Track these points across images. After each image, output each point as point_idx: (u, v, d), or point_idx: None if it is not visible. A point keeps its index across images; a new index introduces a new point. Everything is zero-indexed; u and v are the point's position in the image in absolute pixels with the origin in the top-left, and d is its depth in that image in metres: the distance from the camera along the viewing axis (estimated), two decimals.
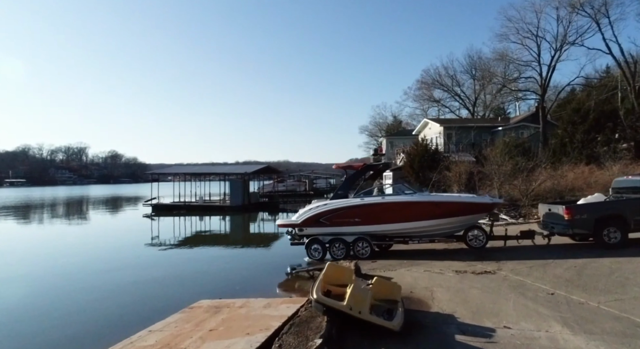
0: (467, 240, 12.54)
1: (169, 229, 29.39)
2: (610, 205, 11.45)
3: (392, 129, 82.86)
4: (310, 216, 12.98)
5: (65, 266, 15.03)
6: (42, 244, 21.33)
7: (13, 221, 35.26)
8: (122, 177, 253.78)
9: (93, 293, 11.13)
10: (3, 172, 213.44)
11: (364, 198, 12.92)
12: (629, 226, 10.85)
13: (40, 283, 12.64)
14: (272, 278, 11.80)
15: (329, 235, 12.74)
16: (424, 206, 12.36)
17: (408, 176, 28.87)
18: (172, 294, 10.63)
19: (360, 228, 12.65)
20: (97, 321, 8.94)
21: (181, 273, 13.36)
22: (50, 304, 10.46)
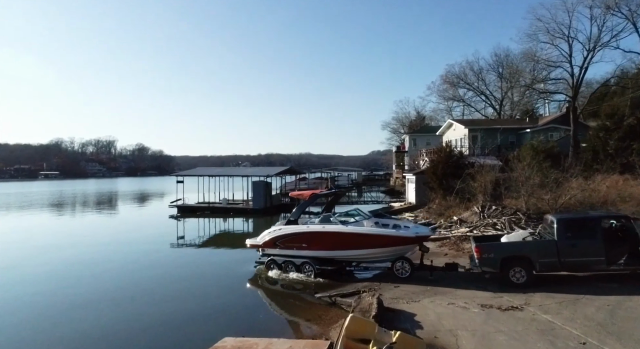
0: (395, 270, 13.03)
1: (194, 230, 30.15)
2: (515, 246, 11.39)
3: (415, 125, 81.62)
4: (269, 240, 14.54)
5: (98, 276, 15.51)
6: (75, 252, 22.04)
7: (52, 221, 36.68)
8: (148, 170, 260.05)
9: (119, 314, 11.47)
10: (38, 164, 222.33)
11: (309, 226, 14.11)
12: (535, 268, 10.84)
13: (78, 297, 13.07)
14: (293, 301, 11.85)
15: (282, 257, 14.25)
16: (354, 236, 13.21)
17: (431, 182, 28.43)
18: (196, 318, 10.84)
19: (306, 252, 13.88)
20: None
21: (205, 290, 13.66)
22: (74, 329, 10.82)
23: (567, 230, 10.72)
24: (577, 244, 10.53)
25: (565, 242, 10.58)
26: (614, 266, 10.60)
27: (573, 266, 10.79)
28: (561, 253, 10.57)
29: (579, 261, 10.63)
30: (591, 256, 10.47)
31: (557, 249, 10.57)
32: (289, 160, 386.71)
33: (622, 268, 10.57)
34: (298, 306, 11.51)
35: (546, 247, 10.80)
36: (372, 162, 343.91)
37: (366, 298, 9.59)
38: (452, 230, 21.50)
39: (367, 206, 36.43)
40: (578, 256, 10.55)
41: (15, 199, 64.50)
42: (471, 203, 23.97)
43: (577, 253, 10.51)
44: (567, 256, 10.56)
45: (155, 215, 37.95)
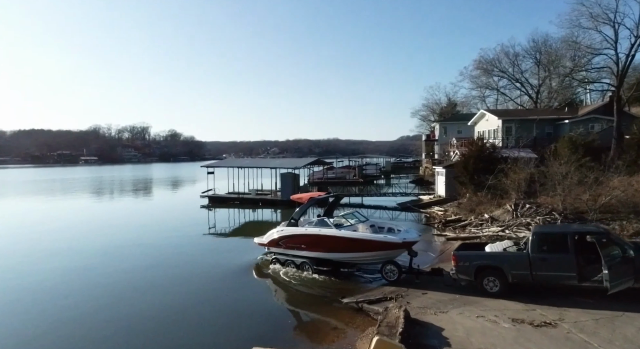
0: (384, 273, 13.65)
1: (224, 221, 31.15)
2: (489, 256, 11.42)
3: (446, 113, 79.45)
4: (273, 239, 15.71)
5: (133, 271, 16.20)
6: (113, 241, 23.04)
7: (96, 207, 38.43)
8: (180, 155, 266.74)
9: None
10: (79, 149, 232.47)
11: (307, 229, 14.91)
12: (507, 278, 10.89)
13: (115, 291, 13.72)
14: (320, 306, 11.95)
15: (284, 256, 15.44)
16: (346, 240, 13.92)
17: (461, 177, 27.72)
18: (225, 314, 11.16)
19: (304, 253, 14.88)
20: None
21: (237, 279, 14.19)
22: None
23: (541, 243, 10.66)
24: (549, 258, 10.47)
25: (537, 256, 10.55)
26: (587, 282, 10.30)
27: (545, 280, 10.66)
28: (533, 267, 10.55)
29: (550, 275, 10.52)
30: (562, 271, 10.35)
31: (529, 262, 10.57)
32: (317, 146, 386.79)
33: (596, 285, 10.16)
34: (325, 312, 11.58)
35: (518, 260, 10.84)
36: (401, 147, 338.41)
37: (393, 310, 9.52)
38: (482, 229, 21.01)
39: (395, 198, 36.05)
40: (549, 271, 10.47)
41: (61, 186, 68.18)
42: (504, 201, 23.28)
43: (548, 268, 10.44)
44: (538, 269, 10.52)
45: (188, 204, 38.97)
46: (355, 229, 14.37)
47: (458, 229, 22.32)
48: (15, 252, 20.28)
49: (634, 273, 9.75)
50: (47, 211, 37.43)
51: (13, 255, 19.81)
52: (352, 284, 14.20)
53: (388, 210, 34.22)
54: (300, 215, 15.72)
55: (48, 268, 17.12)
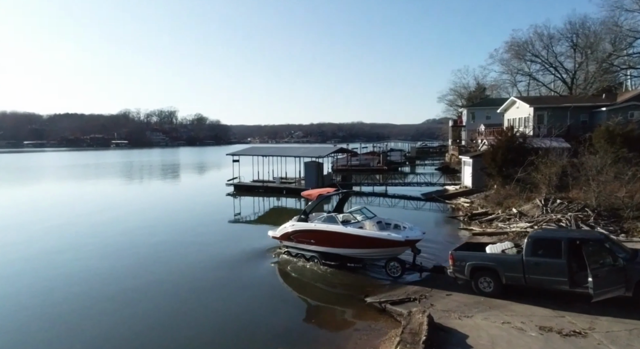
0: (388, 269, 14.14)
1: (250, 208, 31.98)
2: (485, 257, 11.61)
3: (474, 97, 77.12)
4: (284, 233, 16.40)
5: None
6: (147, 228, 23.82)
7: (130, 192, 39.77)
8: (206, 139, 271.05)
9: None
10: (110, 133, 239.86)
11: (316, 225, 15.41)
12: (501, 280, 11.12)
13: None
14: (343, 306, 12.02)
15: (295, 249, 16.18)
16: (351, 237, 14.43)
17: (489, 168, 27.00)
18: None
19: (314, 247, 15.52)
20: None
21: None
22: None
23: (536, 248, 10.76)
24: (542, 263, 10.58)
25: (531, 259, 10.69)
26: (579, 288, 10.32)
27: (537, 283, 10.81)
28: (526, 270, 10.73)
29: (543, 279, 10.65)
30: (554, 276, 10.43)
31: (523, 266, 10.74)
32: (340, 130, 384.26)
33: (587, 291, 10.07)
34: (348, 311, 11.65)
35: (513, 262, 11.02)
36: (426, 131, 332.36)
37: (416, 315, 9.45)
38: (510, 224, 20.48)
39: (419, 188, 35.56)
40: (541, 275, 10.61)
41: (95, 171, 71.00)
42: (533, 194, 22.58)
43: (541, 272, 10.57)
44: (531, 273, 10.69)
45: (214, 191, 39.54)
46: (361, 226, 14.78)
47: (484, 223, 21.86)
48: (69, 230, 23.10)
49: (625, 282, 9.66)
50: (84, 195, 39.44)
51: (73, 230, 23.62)
52: (376, 281, 14.16)
53: (412, 200, 33.87)
54: (310, 211, 16.30)
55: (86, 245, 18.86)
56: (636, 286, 9.67)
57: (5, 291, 13.73)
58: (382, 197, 35.47)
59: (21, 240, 21.14)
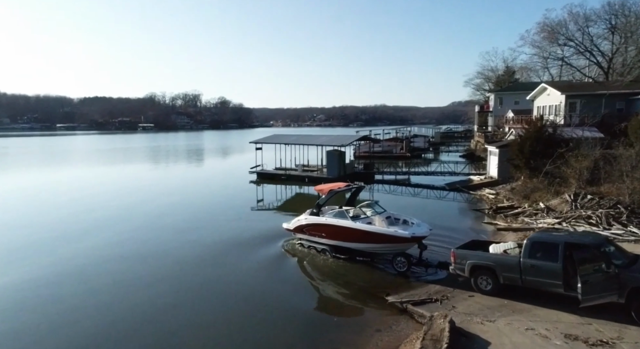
0: (394, 263, 14.46)
1: (272, 196, 32.66)
2: (484, 257, 11.92)
3: (503, 82, 74.63)
4: (297, 226, 17.06)
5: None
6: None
7: (159, 178, 40.88)
8: (229, 123, 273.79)
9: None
10: (137, 117, 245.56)
11: (327, 219, 15.99)
12: (499, 279, 11.41)
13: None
14: (364, 304, 12.13)
15: (307, 242, 16.89)
16: (359, 232, 14.95)
17: (516, 160, 26.26)
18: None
19: (324, 240, 16.15)
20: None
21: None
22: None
23: (533, 250, 10.98)
24: (539, 265, 10.76)
25: (528, 261, 10.91)
26: (573, 292, 10.35)
27: (533, 285, 11.00)
28: (523, 271, 10.98)
29: (539, 281, 10.83)
30: (549, 278, 10.61)
31: (520, 267, 10.99)
32: (363, 113, 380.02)
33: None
34: (369, 311, 11.72)
35: (510, 263, 11.26)
36: (451, 114, 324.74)
37: (438, 320, 9.44)
38: (537, 219, 20.02)
39: (443, 178, 35.03)
40: (537, 277, 10.80)
41: (123, 156, 73.24)
42: (562, 188, 21.93)
43: (537, 274, 10.78)
44: (528, 274, 10.93)
45: (238, 179, 40.07)
46: (370, 221, 15.22)
47: (510, 217, 21.40)
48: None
49: (618, 289, 9.65)
50: (116, 177, 41.12)
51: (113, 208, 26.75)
52: (397, 278, 14.16)
53: (435, 189, 33.46)
54: (321, 206, 16.86)
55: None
56: (629, 293, 9.57)
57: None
58: (405, 186, 35.19)
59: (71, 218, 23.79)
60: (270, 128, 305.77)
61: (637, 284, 9.45)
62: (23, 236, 20.26)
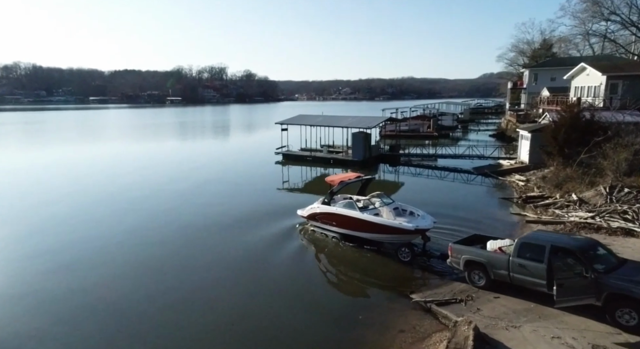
0: (399, 253, 15.12)
1: (297, 177, 33.29)
2: (476, 253, 12.49)
3: (538, 56, 70.99)
4: (310, 214, 18.02)
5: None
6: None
7: (191, 156, 41.93)
8: (255, 96, 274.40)
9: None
10: (165, 90, 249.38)
11: (337, 209, 16.78)
12: (490, 275, 12.03)
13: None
14: (388, 302, 12.32)
15: (319, 229, 17.92)
16: (366, 223, 15.71)
17: (549, 147, 25.30)
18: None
19: (335, 228, 17.09)
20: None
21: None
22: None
23: (522, 250, 11.53)
24: (526, 265, 11.32)
25: (517, 260, 11.49)
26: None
27: (520, 282, 11.58)
28: (511, 269, 11.59)
29: (525, 279, 11.41)
30: (534, 277, 11.16)
31: (509, 265, 11.60)
32: (390, 86, 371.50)
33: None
34: (393, 309, 11.83)
35: (500, 261, 11.88)
36: (482, 86, 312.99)
37: (462, 327, 9.50)
38: (568, 211, 19.42)
39: (471, 162, 34.26)
40: (524, 275, 11.39)
41: (154, 131, 75.12)
42: (597, 179, 21.12)
43: (524, 272, 11.38)
44: (515, 272, 11.54)
45: (264, 159, 40.37)
46: (378, 212, 16.03)
47: (540, 208, 20.86)
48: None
49: (595, 293, 10.01)
50: (150, 153, 42.60)
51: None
52: (423, 274, 14.25)
53: (463, 173, 32.90)
54: (332, 197, 17.66)
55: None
56: (605, 298, 9.90)
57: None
58: (431, 169, 34.72)
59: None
60: (295, 101, 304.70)
61: (613, 290, 9.79)
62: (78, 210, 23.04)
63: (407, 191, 28.55)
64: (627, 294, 9.56)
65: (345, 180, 18.08)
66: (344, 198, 18.00)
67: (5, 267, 15.34)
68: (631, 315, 9.56)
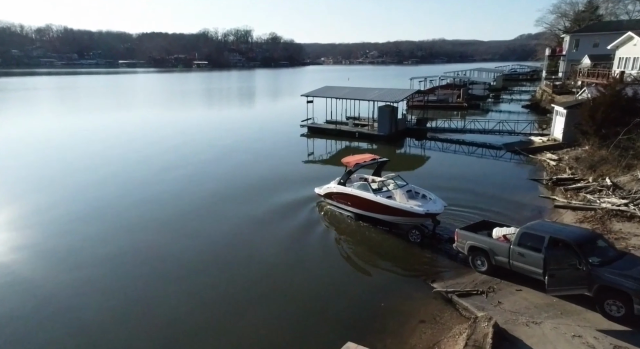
0: (409, 235, 15.85)
1: (322, 150, 33.70)
2: (479, 239, 13.09)
3: (582, 20, 66.36)
4: (327, 193, 18.84)
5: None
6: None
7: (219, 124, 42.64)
8: (280, 60, 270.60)
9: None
10: (192, 54, 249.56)
11: (352, 190, 17.44)
12: (492, 261, 12.68)
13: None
14: (409, 290, 12.60)
15: (335, 208, 18.66)
16: (378, 204, 16.35)
17: (586, 125, 24.21)
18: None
19: (349, 208, 17.81)
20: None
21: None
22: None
23: (523, 240, 12.03)
24: (525, 254, 11.86)
25: (517, 249, 12.05)
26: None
27: (519, 270, 12.14)
28: (511, 257, 12.18)
29: (523, 268, 11.96)
30: (532, 266, 11.66)
31: (509, 253, 12.20)
32: (419, 49, 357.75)
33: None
34: (414, 298, 12.06)
35: (502, 249, 12.48)
36: (519, 48, 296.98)
37: (482, 323, 9.68)
38: (600, 196, 18.83)
39: (501, 137, 33.25)
40: (523, 263, 11.95)
41: (181, 98, 75.89)
42: (635, 163, 20.26)
43: (523, 261, 11.93)
44: (515, 260, 12.13)
45: (289, 131, 40.45)
46: (391, 195, 16.83)
47: (570, 192, 20.30)
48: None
49: (588, 284, 10.43)
50: (182, 121, 44.07)
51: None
52: (446, 261, 14.37)
53: (492, 149, 32.14)
54: (347, 178, 18.35)
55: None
56: (597, 290, 10.34)
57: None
58: (458, 144, 34.02)
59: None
60: (320, 65, 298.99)
61: (604, 283, 10.20)
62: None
63: (432, 167, 28.37)
64: (616, 288, 9.98)
65: (361, 162, 18.62)
66: (360, 177, 19.00)
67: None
68: (618, 306, 10.04)
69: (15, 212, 19.41)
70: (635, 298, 9.66)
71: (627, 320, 9.88)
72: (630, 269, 10.31)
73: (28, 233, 17.01)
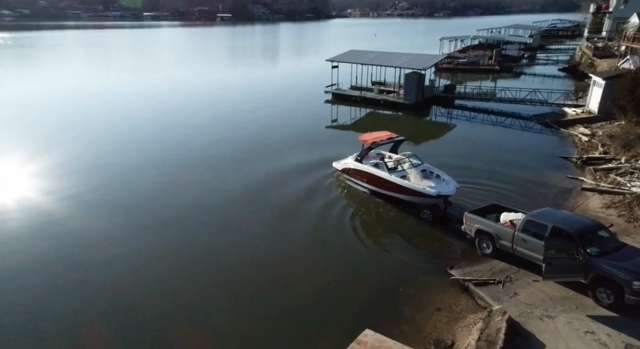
0: (421, 214, 16.50)
1: (346, 115, 34.27)
2: (486, 223, 13.68)
3: None
4: (343, 169, 19.64)
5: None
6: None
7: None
8: (305, 13, 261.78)
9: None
10: (215, 6, 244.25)
11: (368, 167, 18.10)
12: (496, 245, 13.33)
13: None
14: (427, 277, 12.98)
15: (351, 183, 19.41)
16: (392, 183, 17.04)
17: (623, 100, 23.01)
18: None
19: (365, 184, 18.55)
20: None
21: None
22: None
23: (527, 226, 12.55)
24: (528, 240, 12.42)
25: (520, 235, 12.63)
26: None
27: (521, 255, 12.73)
28: (515, 242, 12.79)
29: (526, 253, 12.55)
30: (534, 252, 12.22)
31: (513, 238, 12.80)
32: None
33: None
34: (431, 286, 12.37)
35: (506, 233, 13.09)
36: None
37: (496, 317, 10.02)
38: (631, 179, 18.30)
39: (532, 107, 31.95)
40: (525, 249, 12.53)
41: (204, 58, 75.59)
42: None
43: (525, 247, 12.51)
44: (518, 245, 12.73)
45: (314, 97, 39.95)
46: (405, 174, 17.36)
47: (600, 173, 19.75)
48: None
49: (584, 273, 10.93)
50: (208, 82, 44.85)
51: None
52: (464, 247, 14.52)
53: (521, 119, 31.20)
54: (365, 154, 19.01)
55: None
56: (592, 278, 10.90)
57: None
58: (487, 114, 33.08)
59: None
60: (347, 19, 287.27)
61: (599, 273, 10.74)
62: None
63: (457, 137, 28.15)
64: (609, 278, 10.54)
65: (378, 141, 19.12)
66: (377, 153, 19.93)
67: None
68: (608, 294, 10.69)
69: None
70: (627, 288, 10.26)
71: (616, 308, 10.56)
72: (626, 261, 10.78)
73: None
